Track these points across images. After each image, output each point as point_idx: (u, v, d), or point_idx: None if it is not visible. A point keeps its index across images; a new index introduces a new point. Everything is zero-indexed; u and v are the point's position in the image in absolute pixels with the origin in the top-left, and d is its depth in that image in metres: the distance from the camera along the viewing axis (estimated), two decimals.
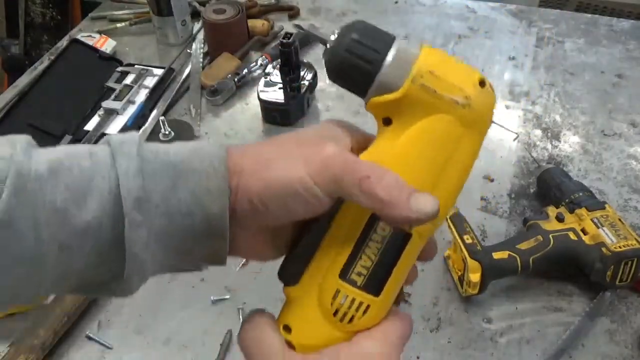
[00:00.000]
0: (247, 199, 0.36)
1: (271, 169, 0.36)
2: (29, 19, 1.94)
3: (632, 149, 1.01)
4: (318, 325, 0.38)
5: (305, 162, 0.35)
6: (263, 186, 0.35)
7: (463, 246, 0.74)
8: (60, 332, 0.71)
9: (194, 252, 0.37)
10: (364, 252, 0.37)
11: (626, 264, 0.73)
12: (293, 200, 0.35)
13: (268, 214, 0.36)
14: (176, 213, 0.35)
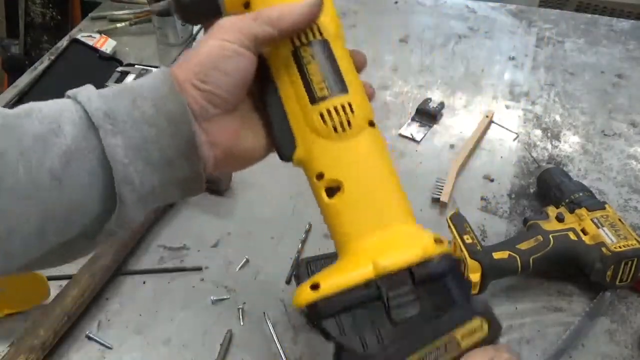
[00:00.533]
0: (192, 87, 0.41)
1: (198, 53, 0.42)
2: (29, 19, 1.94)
3: (632, 149, 1.01)
4: (335, 151, 0.42)
5: (215, 35, 0.43)
6: (194, 69, 0.41)
7: (463, 246, 0.74)
8: (60, 332, 0.71)
9: (174, 163, 0.41)
10: (310, 75, 0.43)
11: (626, 264, 0.73)
12: (223, 62, 0.41)
13: (213, 86, 0.41)
14: (142, 124, 0.39)
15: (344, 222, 0.42)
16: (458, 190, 0.93)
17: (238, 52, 0.42)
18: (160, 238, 0.86)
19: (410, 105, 1.10)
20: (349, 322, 0.39)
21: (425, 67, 1.20)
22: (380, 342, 0.38)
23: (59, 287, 0.75)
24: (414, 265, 0.39)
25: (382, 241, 0.41)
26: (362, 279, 0.39)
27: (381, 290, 0.39)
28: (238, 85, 0.42)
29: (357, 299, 0.39)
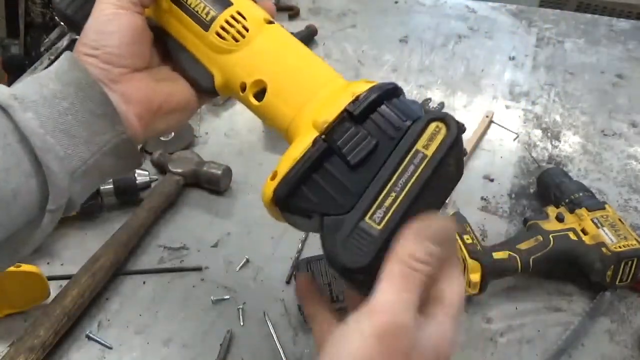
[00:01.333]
0: (86, 55, 0.44)
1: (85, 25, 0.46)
2: (29, 19, 1.94)
3: (632, 149, 1.01)
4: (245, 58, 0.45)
5: (99, 4, 0.45)
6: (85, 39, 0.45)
7: (463, 246, 0.74)
8: (60, 332, 0.71)
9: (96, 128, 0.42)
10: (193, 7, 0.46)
11: (626, 264, 0.73)
12: (104, 25, 0.44)
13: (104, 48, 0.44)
14: (53, 99, 0.41)
15: (280, 114, 0.43)
16: (458, 190, 0.93)
17: (116, 13, 0.45)
18: (160, 238, 0.86)
19: None
20: (314, 189, 0.38)
21: (425, 67, 1.20)
22: (350, 191, 0.37)
23: (59, 287, 0.75)
24: (348, 105, 0.39)
25: (316, 107, 0.41)
26: (308, 143, 0.39)
27: (329, 142, 0.38)
28: (127, 42, 0.45)
29: (310, 161, 0.38)
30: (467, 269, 0.73)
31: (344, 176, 0.38)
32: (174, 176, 0.91)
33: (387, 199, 0.36)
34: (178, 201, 0.91)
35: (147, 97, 0.46)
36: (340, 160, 0.38)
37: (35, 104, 0.41)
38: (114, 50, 0.44)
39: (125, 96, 0.45)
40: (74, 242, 0.85)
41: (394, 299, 0.34)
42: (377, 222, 0.36)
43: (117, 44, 0.44)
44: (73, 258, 0.80)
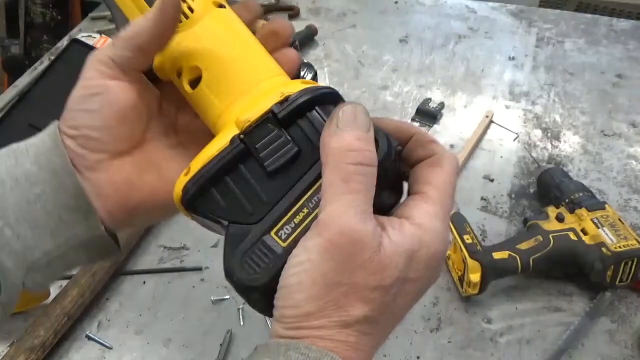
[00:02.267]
0: (65, 135, 0.37)
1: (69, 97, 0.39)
2: (29, 19, 1.94)
3: (632, 149, 1.01)
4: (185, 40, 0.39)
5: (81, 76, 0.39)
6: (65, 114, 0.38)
7: (463, 246, 0.74)
8: (60, 332, 0.71)
9: (65, 222, 0.37)
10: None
11: (626, 264, 0.73)
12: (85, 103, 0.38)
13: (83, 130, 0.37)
14: (24, 183, 0.36)
15: (210, 106, 0.38)
16: (458, 190, 0.93)
17: (102, 86, 0.37)
18: (160, 238, 0.86)
19: (410, 105, 1.10)
20: (224, 192, 0.35)
21: (425, 67, 1.20)
22: (263, 201, 0.34)
23: (59, 287, 0.75)
24: (274, 105, 0.35)
25: (245, 104, 0.37)
26: (226, 141, 0.35)
27: (247, 143, 0.34)
28: (111, 124, 0.37)
29: (224, 161, 0.34)
30: (467, 269, 0.73)
31: (259, 183, 0.34)
32: None
33: (297, 215, 0.33)
34: None
35: (121, 194, 0.39)
36: (258, 164, 0.34)
37: (3, 186, 0.36)
38: (93, 134, 0.37)
39: (97, 188, 0.38)
40: None
41: (338, 207, 0.30)
42: (282, 239, 0.32)
43: (98, 126, 0.37)
44: None
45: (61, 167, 0.37)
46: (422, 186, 0.34)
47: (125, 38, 0.37)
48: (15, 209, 0.36)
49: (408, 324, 0.75)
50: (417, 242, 0.31)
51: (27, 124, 1.03)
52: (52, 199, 0.37)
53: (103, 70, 0.38)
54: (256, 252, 0.33)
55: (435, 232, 0.32)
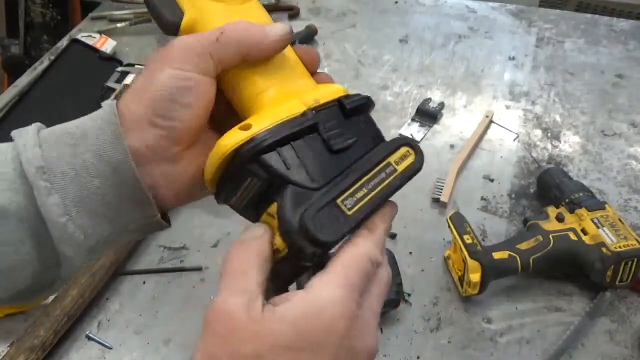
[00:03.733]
0: (150, 125, 0.37)
1: (152, 84, 0.37)
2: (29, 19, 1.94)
3: (632, 149, 1.01)
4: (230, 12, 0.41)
5: (168, 62, 0.37)
6: (148, 105, 0.37)
7: (463, 246, 0.74)
8: (60, 332, 0.71)
9: (123, 212, 0.38)
10: None
11: (626, 264, 0.73)
12: (180, 96, 0.36)
13: (175, 122, 0.37)
14: (85, 176, 0.36)
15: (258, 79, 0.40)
16: (458, 190, 0.93)
17: (198, 80, 0.37)
18: (160, 238, 0.86)
19: (410, 105, 1.10)
20: (289, 155, 0.36)
21: (425, 67, 1.20)
22: (323, 171, 0.37)
23: None
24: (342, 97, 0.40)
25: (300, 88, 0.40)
26: (296, 111, 0.37)
27: (317, 120, 0.37)
28: (200, 116, 0.38)
29: (297, 127, 0.37)
30: (467, 269, 0.73)
31: (321, 156, 0.37)
32: None
33: (359, 192, 0.36)
34: None
35: (192, 181, 0.40)
36: (321, 141, 0.38)
37: (64, 178, 0.36)
38: (185, 128, 0.37)
39: (169, 178, 0.39)
40: None
41: (220, 289, 0.33)
42: (347, 208, 0.36)
43: (192, 120, 0.37)
44: None
45: (123, 163, 0.36)
46: (329, 262, 0.35)
47: (236, 40, 0.37)
48: (76, 200, 0.36)
49: (408, 324, 0.75)
50: (306, 309, 0.32)
51: (27, 124, 1.03)
52: (111, 192, 0.37)
53: (198, 63, 0.37)
54: (327, 213, 0.35)
55: (329, 298, 0.32)
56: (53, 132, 0.37)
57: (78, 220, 0.36)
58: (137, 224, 0.39)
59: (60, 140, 0.36)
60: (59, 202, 0.35)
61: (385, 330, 0.74)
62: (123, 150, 0.36)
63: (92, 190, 0.36)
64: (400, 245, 0.84)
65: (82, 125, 0.37)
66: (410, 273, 0.80)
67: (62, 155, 0.36)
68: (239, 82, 0.40)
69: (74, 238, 0.36)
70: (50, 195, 0.35)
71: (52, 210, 0.35)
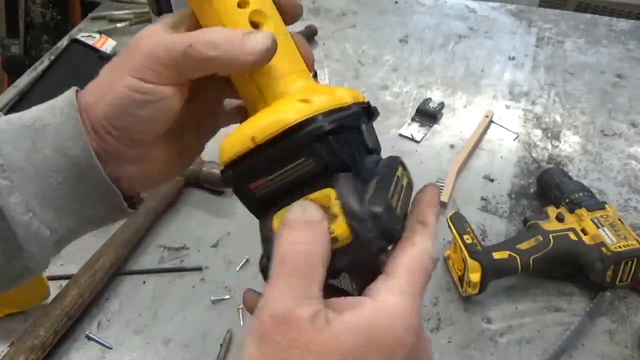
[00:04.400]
0: (104, 130, 0.35)
1: (110, 88, 0.34)
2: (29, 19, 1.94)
3: (632, 149, 1.01)
4: None
5: (130, 69, 0.34)
6: (105, 112, 0.35)
7: (463, 246, 0.74)
8: (60, 332, 0.71)
9: (88, 205, 0.37)
10: None
11: (626, 264, 0.73)
12: (138, 108, 0.34)
13: (128, 131, 0.35)
14: (46, 171, 0.35)
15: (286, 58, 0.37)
16: (458, 190, 0.93)
17: (160, 93, 0.34)
18: (160, 238, 0.86)
19: (410, 105, 1.10)
20: (347, 143, 0.35)
21: (425, 67, 1.20)
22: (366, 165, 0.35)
23: (59, 287, 0.75)
24: (368, 101, 0.38)
25: (317, 87, 0.37)
26: (346, 101, 0.35)
27: (360, 116, 0.36)
28: (159, 127, 0.36)
29: (356, 116, 0.35)
30: (467, 269, 0.73)
31: (362, 150, 0.36)
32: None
33: (394, 195, 0.35)
34: (178, 201, 0.91)
35: (154, 181, 0.39)
36: (360, 135, 0.36)
37: (24, 173, 0.34)
38: (138, 136, 0.35)
39: (130, 180, 0.38)
40: (73, 242, 0.85)
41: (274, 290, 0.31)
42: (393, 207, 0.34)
43: (146, 131, 0.35)
44: (73, 258, 0.80)
45: (85, 161, 0.35)
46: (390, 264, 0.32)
47: (204, 56, 0.32)
48: (38, 196, 0.35)
49: None
50: (376, 319, 0.29)
51: None
52: (75, 186, 0.35)
53: (162, 73, 0.33)
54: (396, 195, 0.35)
55: (399, 309, 0.30)
56: (10, 123, 0.35)
57: (42, 216, 0.35)
58: (104, 214, 0.38)
59: (19, 137, 0.35)
60: (21, 200, 0.34)
61: None
62: (84, 147, 0.35)
63: (54, 186, 0.35)
64: None
65: (41, 119, 0.35)
66: None
67: (21, 150, 0.34)
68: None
69: (39, 234, 0.35)
70: (11, 194, 0.34)
71: (14, 209, 0.34)
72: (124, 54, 0.35)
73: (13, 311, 0.76)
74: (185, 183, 0.92)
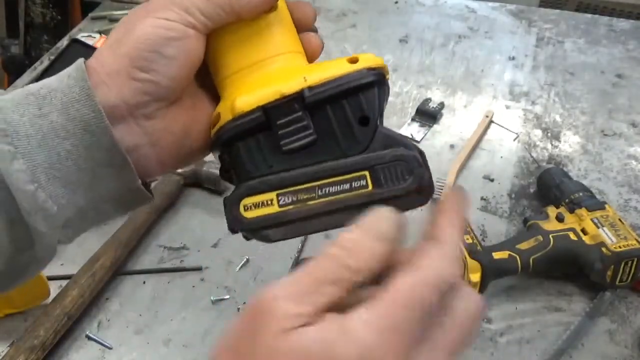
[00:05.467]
0: (128, 77, 0.34)
1: (132, 34, 0.34)
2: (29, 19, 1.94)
3: (632, 149, 1.01)
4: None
5: (151, 10, 0.35)
6: (129, 54, 0.34)
7: (463, 246, 0.74)
8: (60, 332, 0.71)
9: (99, 177, 0.35)
10: None
11: (626, 264, 0.73)
12: (163, 46, 0.34)
13: (155, 75, 0.34)
14: (53, 138, 0.33)
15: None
16: None
17: (184, 32, 0.34)
18: (160, 238, 0.86)
19: (410, 105, 1.10)
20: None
21: (425, 67, 1.20)
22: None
23: (59, 287, 0.75)
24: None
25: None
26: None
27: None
28: (184, 72, 0.35)
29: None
30: (467, 269, 0.73)
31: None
32: (174, 176, 0.91)
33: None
34: (178, 201, 0.91)
35: (178, 142, 0.37)
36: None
37: (29, 141, 0.32)
38: (165, 81, 0.34)
39: (153, 137, 0.36)
40: (74, 242, 0.85)
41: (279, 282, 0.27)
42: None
43: (174, 74, 0.34)
44: (73, 258, 0.80)
45: (95, 122, 0.33)
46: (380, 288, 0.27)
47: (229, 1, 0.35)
48: (46, 166, 0.33)
49: None
50: (334, 347, 0.25)
51: None
52: (84, 155, 0.34)
53: (185, 17, 0.34)
54: None
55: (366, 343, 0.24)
56: (14, 94, 0.34)
57: (49, 189, 0.33)
58: (116, 193, 0.36)
59: (24, 103, 0.33)
60: (25, 167, 0.32)
61: None
62: (94, 107, 0.33)
63: (62, 155, 0.33)
64: None
65: (48, 85, 0.34)
66: None
67: (27, 116, 0.33)
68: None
69: (45, 209, 0.33)
70: (14, 159, 0.32)
71: (17, 177, 0.32)
72: (139, 9, 0.36)
73: (13, 311, 0.76)
74: (185, 183, 0.92)
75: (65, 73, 0.35)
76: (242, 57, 0.37)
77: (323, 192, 0.33)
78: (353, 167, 0.33)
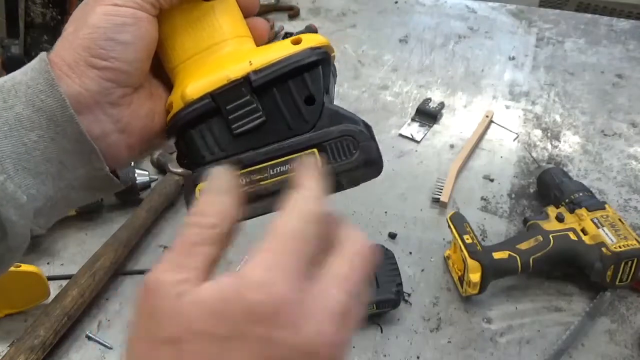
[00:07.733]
0: (87, 66, 0.34)
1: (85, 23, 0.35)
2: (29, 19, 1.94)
3: (632, 149, 1.01)
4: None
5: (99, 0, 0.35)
6: (88, 42, 0.34)
7: (463, 246, 0.74)
8: (60, 332, 0.71)
9: (66, 167, 0.35)
10: None
11: (626, 264, 0.73)
12: (117, 32, 0.34)
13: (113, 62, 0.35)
14: (19, 129, 0.34)
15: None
16: (458, 190, 0.93)
17: (135, 16, 0.35)
18: (160, 238, 0.86)
19: (410, 105, 1.10)
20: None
21: (425, 67, 1.20)
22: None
23: (59, 287, 0.75)
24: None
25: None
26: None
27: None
28: (141, 55, 0.36)
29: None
30: (467, 269, 0.73)
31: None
32: (174, 176, 0.91)
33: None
34: (178, 201, 0.91)
35: (146, 127, 0.38)
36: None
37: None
38: (124, 67, 0.35)
39: (120, 124, 0.36)
40: (74, 242, 0.85)
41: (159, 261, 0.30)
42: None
43: (131, 59, 0.35)
44: (73, 258, 0.80)
45: (60, 112, 0.34)
46: (266, 235, 0.29)
47: None
48: (13, 157, 0.33)
49: (408, 324, 0.75)
50: (228, 293, 0.26)
51: None
52: (51, 145, 0.34)
53: (139, 1, 0.35)
54: None
55: (256, 281, 0.26)
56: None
57: (17, 179, 0.34)
58: (85, 181, 0.37)
59: None
60: None
61: (385, 330, 0.74)
62: (58, 97, 0.34)
63: (29, 145, 0.34)
64: (400, 245, 0.84)
65: (12, 78, 0.35)
66: (410, 273, 0.80)
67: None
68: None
69: (15, 199, 0.34)
70: None
71: None
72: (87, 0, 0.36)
73: (13, 311, 0.76)
74: None
75: (29, 66, 0.36)
76: (191, 44, 0.38)
77: (275, 171, 0.35)
78: (301, 145, 0.35)
